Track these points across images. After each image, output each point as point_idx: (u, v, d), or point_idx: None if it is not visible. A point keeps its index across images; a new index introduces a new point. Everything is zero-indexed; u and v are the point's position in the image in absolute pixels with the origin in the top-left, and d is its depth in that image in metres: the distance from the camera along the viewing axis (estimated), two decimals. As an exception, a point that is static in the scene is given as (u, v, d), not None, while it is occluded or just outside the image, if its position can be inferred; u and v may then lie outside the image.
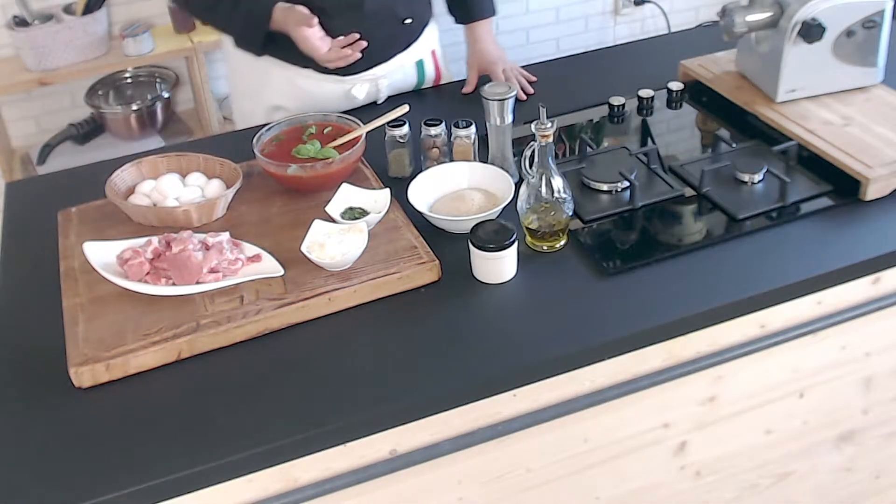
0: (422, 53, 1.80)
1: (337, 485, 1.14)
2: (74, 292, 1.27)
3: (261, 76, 1.72)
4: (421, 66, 1.81)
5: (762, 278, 1.27)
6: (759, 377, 1.38)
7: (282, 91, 1.73)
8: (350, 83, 1.71)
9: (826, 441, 1.56)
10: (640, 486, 1.42)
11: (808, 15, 1.50)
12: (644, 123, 1.68)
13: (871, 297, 1.37)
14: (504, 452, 1.25)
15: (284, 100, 1.74)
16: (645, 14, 3.42)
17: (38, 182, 1.89)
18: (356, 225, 1.31)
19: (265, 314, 1.20)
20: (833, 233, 1.35)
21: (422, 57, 1.80)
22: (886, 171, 1.38)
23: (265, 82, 1.73)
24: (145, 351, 1.16)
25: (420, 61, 1.80)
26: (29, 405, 1.13)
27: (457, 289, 1.27)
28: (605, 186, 1.45)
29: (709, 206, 1.42)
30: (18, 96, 2.74)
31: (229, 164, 1.49)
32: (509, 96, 1.44)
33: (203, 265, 1.24)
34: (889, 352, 1.48)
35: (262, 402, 1.11)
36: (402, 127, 1.50)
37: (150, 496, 1.03)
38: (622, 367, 1.24)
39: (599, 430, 1.31)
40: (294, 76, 1.70)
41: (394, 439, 1.15)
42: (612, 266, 1.29)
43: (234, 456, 1.05)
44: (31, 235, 1.46)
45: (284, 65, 1.69)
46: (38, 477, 1.03)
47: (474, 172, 1.45)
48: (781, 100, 1.59)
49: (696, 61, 1.77)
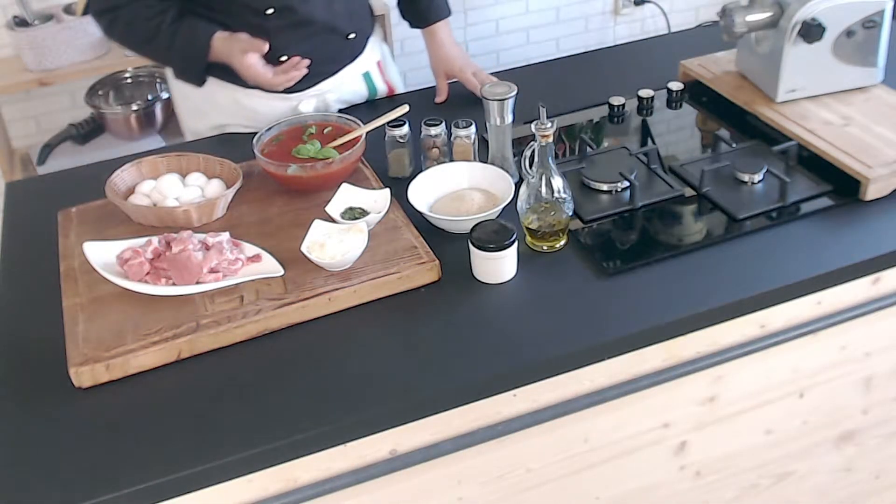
0: (367, 66, 1.77)
1: (337, 485, 1.14)
2: (74, 292, 1.27)
3: (205, 97, 1.69)
4: (368, 77, 1.78)
5: (762, 278, 1.27)
6: (759, 377, 1.38)
7: (228, 111, 1.70)
8: (297, 100, 1.68)
9: (826, 441, 1.56)
10: (640, 486, 1.42)
11: (808, 15, 1.50)
12: (644, 123, 1.68)
13: (871, 297, 1.37)
14: (504, 452, 1.25)
15: (231, 119, 1.71)
16: (645, 14, 3.42)
17: (38, 182, 1.90)
18: (356, 225, 1.31)
19: (265, 314, 1.20)
20: (833, 233, 1.35)
21: (368, 69, 1.77)
22: (886, 171, 1.38)
23: (211, 103, 1.70)
24: (145, 351, 1.16)
25: (367, 73, 1.77)
26: (29, 405, 1.13)
27: (457, 289, 1.27)
28: (605, 186, 1.45)
29: (709, 206, 1.42)
30: (18, 96, 2.74)
31: (229, 164, 1.49)
32: (509, 96, 1.44)
33: (203, 265, 1.24)
34: (889, 352, 1.48)
35: (262, 402, 1.11)
36: (402, 127, 1.50)
37: (150, 496, 1.03)
38: (622, 367, 1.24)
39: (599, 430, 1.31)
40: (241, 97, 1.67)
41: (394, 439, 1.15)
42: (612, 266, 1.29)
43: (234, 456, 1.05)
44: (31, 235, 1.46)
45: (229, 85, 1.66)
46: (37, 477, 1.03)
47: (474, 172, 1.45)
48: (781, 100, 1.59)
49: (696, 61, 1.77)
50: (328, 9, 1.62)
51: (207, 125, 1.75)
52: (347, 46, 1.71)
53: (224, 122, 1.73)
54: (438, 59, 1.82)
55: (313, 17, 1.60)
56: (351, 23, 1.69)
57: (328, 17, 1.63)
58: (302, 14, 1.58)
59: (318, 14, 1.60)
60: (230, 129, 1.72)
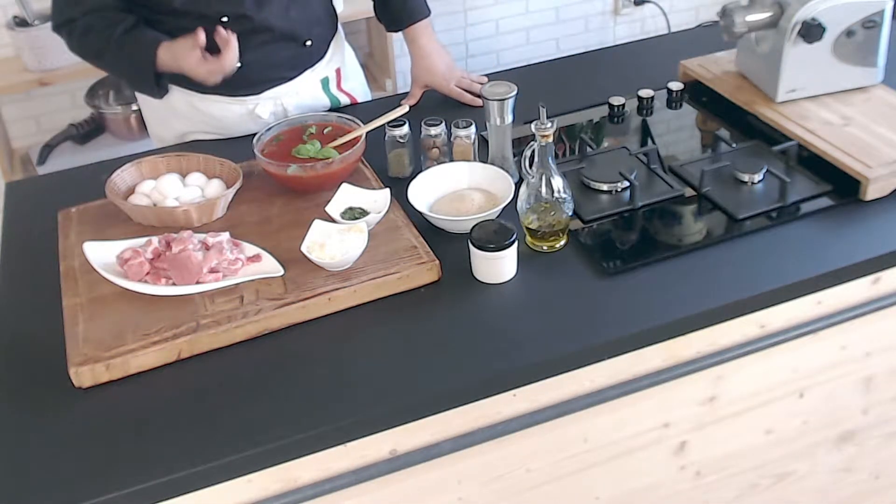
0: (326, 72, 1.75)
1: (337, 485, 1.14)
2: (74, 292, 1.27)
3: (165, 104, 1.68)
4: (326, 84, 1.75)
5: (762, 278, 1.27)
6: (759, 377, 1.38)
7: (188, 117, 1.69)
8: (253, 103, 1.67)
9: (826, 441, 1.56)
10: (639, 486, 1.42)
11: (808, 15, 1.50)
12: (644, 123, 1.68)
13: (871, 297, 1.37)
14: (504, 452, 1.25)
15: (191, 125, 1.70)
16: (645, 14, 3.42)
17: (38, 182, 1.90)
18: (356, 225, 1.31)
19: (265, 314, 1.20)
20: (833, 233, 1.35)
21: (326, 75, 1.75)
22: (886, 171, 1.38)
23: (171, 110, 1.69)
24: (145, 351, 1.16)
25: (325, 79, 1.75)
26: (29, 405, 1.13)
27: (457, 289, 1.27)
28: (605, 186, 1.45)
29: (709, 206, 1.42)
30: (18, 96, 2.74)
31: (229, 164, 1.49)
32: (509, 96, 1.44)
33: (203, 265, 1.24)
34: (889, 352, 1.48)
35: (261, 402, 1.11)
36: (402, 127, 1.50)
37: (150, 496, 1.03)
38: (622, 367, 1.24)
39: (599, 430, 1.31)
40: (197, 102, 1.66)
41: (394, 439, 1.15)
42: (612, 266, 1.29)
43: (234, 456, 1.05)
44: (31, 235, 1.46)
45: (185, 91, 1.65)
46: (38, 477, 1.03)
47: (474, 172, 1.45)
48: (781, 100, 1.59)
49: (696, 61, 1.77)
50: (284, 16, 1.60)
51: (172, 133, 1.74)
52: (304, 53, 1.69)
53: (186, 129, 1.71)
54: (420, 70, 1.76)
55: (269, 24, 1.59)
56: (308, 30, 1.66)
57: (284, 25, 1.61)
58: (257, 21, 1.57)
59: (273, 21, 1.59)
60: (193, 138, 1.71)
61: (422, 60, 1.76)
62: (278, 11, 1.59)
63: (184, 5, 1.52)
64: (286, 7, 1.60)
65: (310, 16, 1.67)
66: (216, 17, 1.53)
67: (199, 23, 1.50)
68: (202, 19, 1.52)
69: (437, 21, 3.11)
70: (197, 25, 1.49)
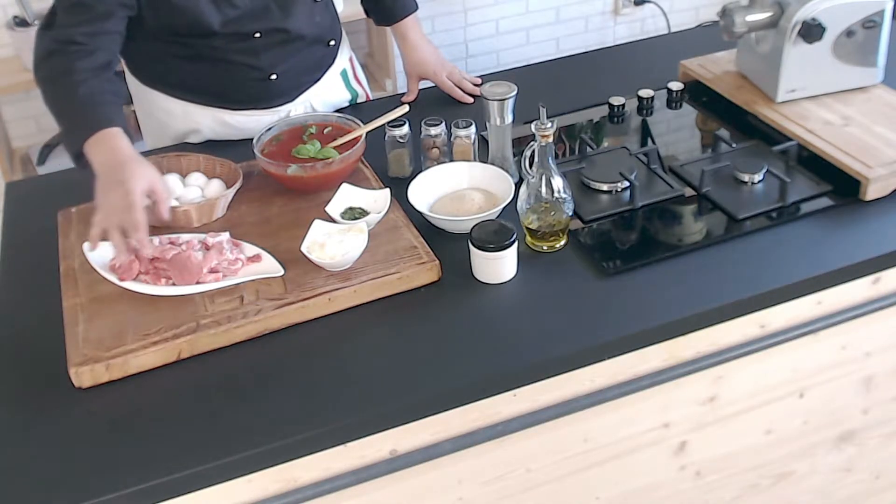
0: (343, 64, 1.78)
1: (337, 485, 1.14)
2: (74, 292, 1.27)
3: (186, 118, 1.65)
4: (345, 75, 1.78)
5: (762, 278, 1.27)
6: (759, 377, 1.38)
7: (212, 129, 1.67)
8: (286, 111, 1.68)
9: (826, 441, 1.56)
10: (640, 486, 1.42)
11: (808, 15, 1.50)
12: (644, 123, 1.68)
13: (871, 297, 1.37)
14: (504, 452, 1.25)
15: (213, 136, 1.68)
16: (645, 14, 3.42)
17: (38, 182, 1.90)
18: (356, 225, 1.31)
19: (265, 314, 1.20)
20: (833, 233, 1.35)
21: (344, 67, 1.78)
22: (886, 171, 1.38)
23: (193, 124, 1.66)
24: (145, 351, 1.16)
25: (343, 71, 1.77)
26: (29, 405, 1.13)
27: (457, 289, 1.27)
28: (605, 186, 1.45)
29: (709, 206, 1.42)
30: (18, 96, 2.74)
31: (229, 164, 1.49)
32: (509, 96, 1.44)
33: (203, 265, 1.24)
34: (889, 352, 1.48)
35: (262, 402, 1.11)
36: (402, 127, 1.50)
37: (150, 496, 1.03)
38: (622, 367, 1.24)
39: (599, 430, 1.31)
40: (227, 117, 1.65)
41: (394, 439, 1.15)
42: (612, 266, 1.29)
43: (234, 456, 1.05)
44: (31, 235, 1.46)
45: (214, 109, 1.64)
46: (38, 477, 1.03)
47: (474, 172, 1.45)
48: (781, 100, 1.59)
49: (696, 61, 1.77)
50: (311, 22, 1.63)
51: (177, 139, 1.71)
52: (329, 52, 1.72)
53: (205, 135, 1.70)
54: (412, 64, 1.81)
55: (301, 32, 1.61)
56: (331, 30, 1.70)
57: (313, 30, 1.64)
58: (291, 32, 1.59)
59: (304, 29, 1.61)
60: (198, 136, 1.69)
61: (413, 53, 1.80)
62: (306, 19, 1.61)
63: (222, 27, 1.52)
64: (310, 13, 1.62)
65: (330, 16, 1.70)
66: (250, 34, 1.55)
67: (234, 40, 1.54)
68: (236, 37, 1.54)
69: (438, 21, 3.13)
70: (230, 45, 1.53)
